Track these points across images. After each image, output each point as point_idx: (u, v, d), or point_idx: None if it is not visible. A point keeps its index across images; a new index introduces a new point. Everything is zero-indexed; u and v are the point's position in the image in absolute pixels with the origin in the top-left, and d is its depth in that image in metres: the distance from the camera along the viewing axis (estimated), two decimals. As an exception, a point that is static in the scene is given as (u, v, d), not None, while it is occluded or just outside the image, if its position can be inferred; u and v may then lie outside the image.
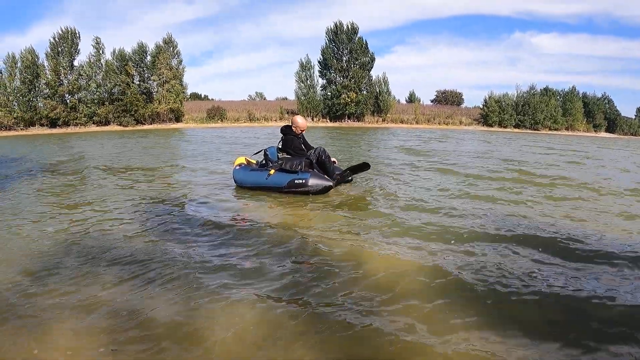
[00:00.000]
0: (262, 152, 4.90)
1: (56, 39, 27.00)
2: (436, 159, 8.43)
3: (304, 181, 4.27)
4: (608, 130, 42.88)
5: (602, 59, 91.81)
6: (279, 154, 4.72)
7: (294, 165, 4.45)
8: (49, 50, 26.81)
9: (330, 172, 4.54)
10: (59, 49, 27.03)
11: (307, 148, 4.87)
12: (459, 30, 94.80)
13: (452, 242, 2.93)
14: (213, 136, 17.58)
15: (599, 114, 41.46)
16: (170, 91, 29.73)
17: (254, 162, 5.08)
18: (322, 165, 4.58)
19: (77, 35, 27.62)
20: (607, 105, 42.79)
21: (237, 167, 4.92)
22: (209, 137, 16.72)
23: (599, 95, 42.53)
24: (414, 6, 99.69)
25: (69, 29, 27.31)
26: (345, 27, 34.14)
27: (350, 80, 34.22)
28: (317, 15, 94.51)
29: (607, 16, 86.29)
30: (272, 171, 4.50)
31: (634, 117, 46.21)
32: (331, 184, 4.37)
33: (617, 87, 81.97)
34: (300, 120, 4.83)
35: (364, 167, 4.69)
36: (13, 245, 2.99)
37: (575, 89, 40.54)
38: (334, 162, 4.74)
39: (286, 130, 4.79)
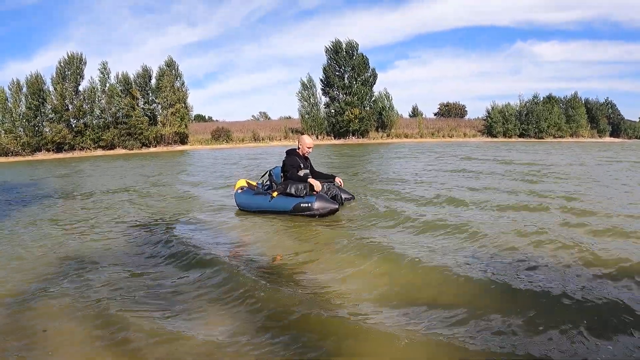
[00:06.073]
0: (268, 174, 4.86)
1: (62, 63, 27.37)
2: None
3: (309, 205, 4.29)
4: (612, 134, 42.80)
5: (603, 64, 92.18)
6: (282, 175, 4.72)
7: (298, 189, 4.43)
8: (54, 76, 27.13)
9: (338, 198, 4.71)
10: (65, 73, 27.32)
11: (312, 172, 4.81)
12: (460, 42, 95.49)
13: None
14: (219, 157, 17.25)
15: (602, 119, 41.52)
16: (175, 115, 29.81)
17: (254, 184, 5.03)
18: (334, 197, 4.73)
19: (83, 60, 28.03)
20: (610, 110, 42.96)
21: (239, 191, 4.88)
22: (213, 159, 16.39)
23: (602, 101, 42.73)
24: (414, 21, 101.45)
25: (75, 55, 27.78)
26: (344, 44, 34.68)
27: (353, 97, 34.39)
28: (317, 34, 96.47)
29: (607, 20, 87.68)
30: (275, 194, 4.51)
31: (638, 119, 46.24)
32: (337, 207, 4.39)
33: (619, 91, 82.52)
34: (307, 138, 4.83)
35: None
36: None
37: (577, 95, 40.71)
38: (340, 183, 4.80)
39: (289, 152, 4.80)
